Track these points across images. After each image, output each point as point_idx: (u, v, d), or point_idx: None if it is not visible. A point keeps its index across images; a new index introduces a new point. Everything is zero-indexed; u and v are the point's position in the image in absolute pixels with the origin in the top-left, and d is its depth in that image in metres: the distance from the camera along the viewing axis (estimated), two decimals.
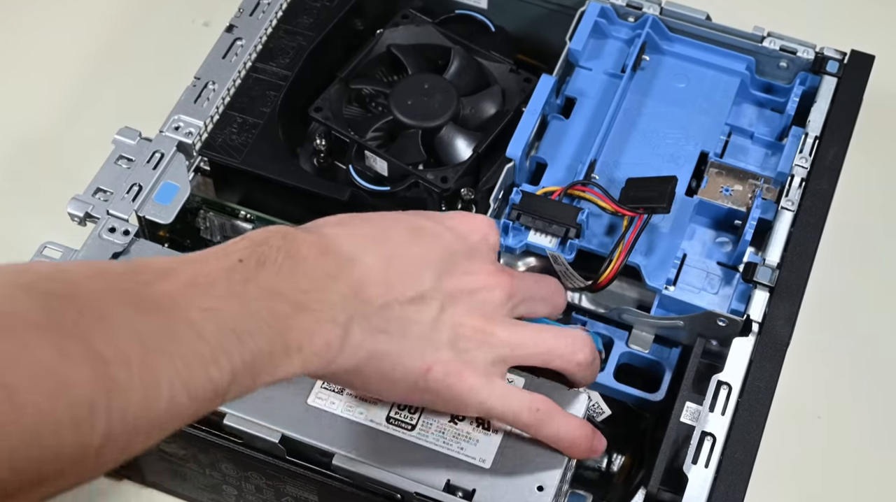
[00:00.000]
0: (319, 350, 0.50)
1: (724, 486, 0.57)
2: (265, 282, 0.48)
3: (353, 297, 0.51)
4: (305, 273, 0.50)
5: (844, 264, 0.79)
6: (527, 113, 0.68)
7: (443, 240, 0.56)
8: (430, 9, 0.78)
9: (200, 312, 0.45)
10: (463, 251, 0.57)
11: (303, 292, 0.49)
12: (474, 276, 0.56)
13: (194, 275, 0.46)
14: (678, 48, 0.73)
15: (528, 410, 0.56)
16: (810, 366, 0.73)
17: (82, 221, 0.66)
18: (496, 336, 0.56)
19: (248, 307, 0.47)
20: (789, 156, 0.67)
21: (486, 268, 0.57)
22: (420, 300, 0.54)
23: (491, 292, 0.56)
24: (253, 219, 0.69)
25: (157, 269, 0.46)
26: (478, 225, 0.58)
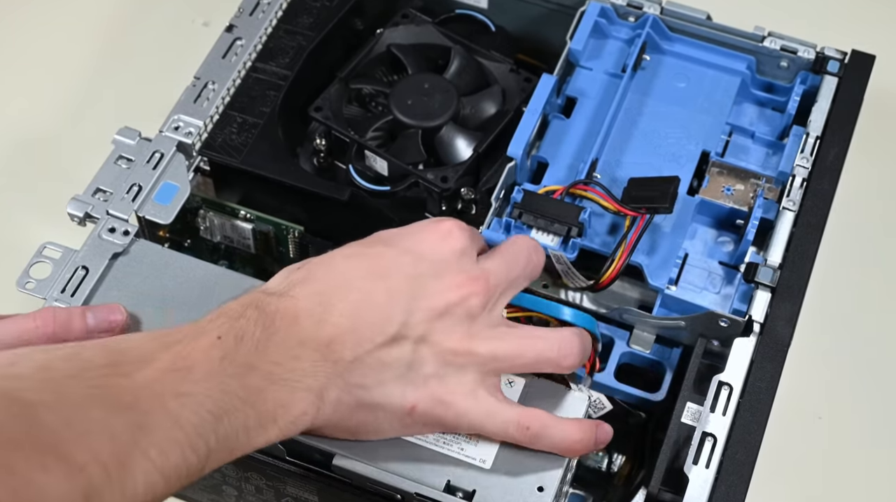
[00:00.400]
0: (295, 418, 0.52)
1: (725, 487, 0.57)
2: (241, 358, 0.50)
3: (324, 361, 0.52)
4: (278, 344, 0.52)
5: (845, 265, 0.79)
6: (527, 112, 0.68)
7: (405, 269, 0.55)
8: (431, 8, 0.77)
9: (177, 399, 0.47)
10: (429, 272, 0.56)
11: (276, 364, 0.51)
12: (445, 294, 0.55)
13: (173, 361, 0.49)
14: (679, 48, 0.73)
15: (518, 427, 0.56)
16: (811, 367, 0.73)
17: (82, 221, 0.66)
18: (479, 354, 0.55)
19: (224, 386, 0.49)
20: (790, 156, 0.67)
21: (456, 280, 0.56)
22: (392, 342, 0.54)
23: (467, 303, 0.55)
24: (253, 218, 0.69)
25: (138, 358, 0.48)
26: (441, 236, 0.57)
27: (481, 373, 0.56)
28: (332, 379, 0.53)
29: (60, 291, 0.62)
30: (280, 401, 0.51)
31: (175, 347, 0.49)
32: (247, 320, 0.51)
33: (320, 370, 0.52)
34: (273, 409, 0.51)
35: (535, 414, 0.56)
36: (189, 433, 0.47)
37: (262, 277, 0.64)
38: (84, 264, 0.63)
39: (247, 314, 0.52)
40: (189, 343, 0.50)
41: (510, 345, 0.56)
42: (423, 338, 0.54)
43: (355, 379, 0.53)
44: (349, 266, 0.55)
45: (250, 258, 0.72)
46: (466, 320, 0.55)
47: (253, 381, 0.50)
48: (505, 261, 0.58)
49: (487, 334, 0.56)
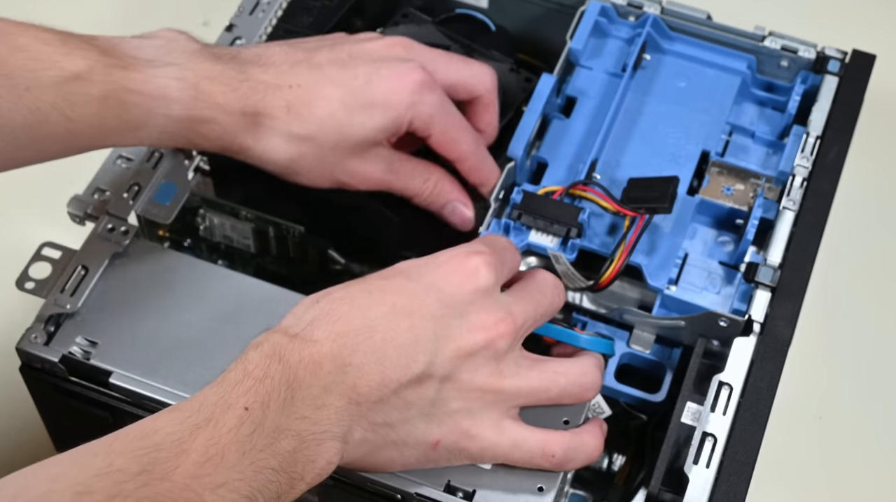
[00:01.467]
0: (321, 470, 0.51)
1: (726, 487, 0.57)
2: (270, 424, 0.49)
3: (349, 404, 0.52)
4: (304, 397, 0.51)
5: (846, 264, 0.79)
6: (527, 112, 0.68)
7: (430, 308, 0.54)
8: (431, 8, 0.77)
9: (214, 492, 0.47)
10: (454, 312, 0.55)
11: (302, 418, 0.50)
12: (472, 336, 0.54)
13: (206, 449, 0.47)
14: (679, 47, 0.73)
15: (543, 455, 0.56)
16: (812, 367, 0.73)
17: (82, 221, 0.66)
18: (504, 391, 0.55)
19: (256, 463, 0.49)
20: (790, 156, 0.67)
21: (483, 322, 0.55)
22: (417, 382, 0.53)
23: (494, 345, 0.55)
24: (253, 218, 0.69)
25: (170, 451, 0.47)
26: (467, 274, 0.56)
27: (506, 408, 0.56)
28: (356, 421, 0.52)
29: (60, 291, 0.62)
30: (309, 458, 0.50)
31: (205, 430, 0.48)
32: (272, 380, 0.50)
33: (345, 414, 0.52)
34: (303, 468, 0.50)
35: (557, 438, 0.57)
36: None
37: (262, 277, 0.64)
38: (84, 264, 0.63)
39: (271, 372, 0.50)
40: (218, 422, 0.48)
41: (535, 382, 0.56)
42: (448, 376, 0.54)
43: (380, 418, 0.53)
44: (371, 302, 0.54)
45: (250, 258, 0.72)
46: (493, 360, 0.55)
47: (283, 446, 0.49)
48: (531, 301, 0.58)
49: (513, 372, 0.56)
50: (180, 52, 0.61)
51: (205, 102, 0.60)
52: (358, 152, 0.63)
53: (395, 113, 0.62)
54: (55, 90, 0.56)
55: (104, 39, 0.60)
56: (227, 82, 0.60)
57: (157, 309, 0.62)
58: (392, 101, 0.62)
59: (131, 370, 0.60)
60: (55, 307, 0.62)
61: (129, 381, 0.60)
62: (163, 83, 0.59)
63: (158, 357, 0.61)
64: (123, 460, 0.46)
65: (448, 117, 0.64)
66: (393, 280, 0.55)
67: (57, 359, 0.60)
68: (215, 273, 0.64)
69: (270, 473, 0.49)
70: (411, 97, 0.62)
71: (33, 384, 0.63)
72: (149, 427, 0.48)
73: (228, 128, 0.61)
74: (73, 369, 0.61)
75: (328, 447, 0.51)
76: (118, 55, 0.59)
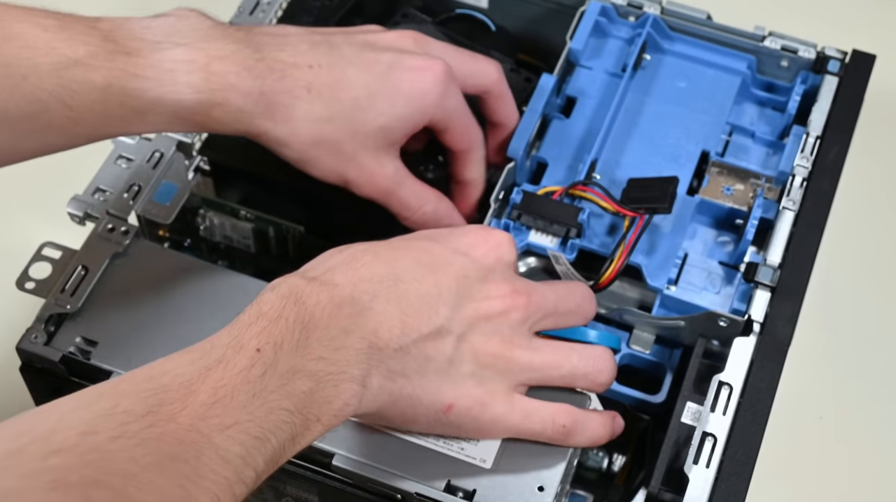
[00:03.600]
0: (339, 411, 0.50)
1: (726, 487, 0.57)
2: (283, 366, 0.49)
3: (369, 348, 0.51)
4: (320, 338, 0.50)
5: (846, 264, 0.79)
6: (527, 112, 0.68)
7: (455, 267, 0.55)
8: (431, 8, 0.77)
9: (223, 433, 0.46)
10: (477, 275, 0.55)
11: (320, 359, 0.50)
12: (490, 302, 0.55)
13: (214, 390, 0.47)
14: (679, 47, 0.73)
15: (553, 426, 0.56)
16: (812, 367, 0.73)
17: (82, 221, 0.66)
18: (516, 361, 0.56)
19: (268, 404, 0.48)
20: (790, 156, 0.67)
21: (502, 290, 0.56)
22: (437, 335, 0.53)
23: (507, 316, 0.55)
24: (253, 218, 0.69)
25: (178, 391, 0.46)
26: (491, 245, 0.57)
27: (517, 380, 0.56)
28: (375, 367, 0.52)
29: (60, 291, 0.62)
30: (326, 399, 0.50)
31: (215, 372, 0.47)
32: (286, 321, 0.49)
33: (365, 357, 0.51)
34: (318, 408, 0.49)
35: (567, 409, 0.57)
36: (237, 466, 0.46)
37: (262, 277, 0.64)
38: (84, 264, 0.63)
39: (286, 313, 0.50)
40: (229, 363, 0.48)
41: (547, 357, 0.56)
42: (464, 336, 0.54)
43: (398, 366, 0.53)
44: (396, 255, 0.54)
45: (250, 258, 0.72)
46: (507, 328, 0.55)
47: (298, 386, 0.49)
48: (557, 291, 0.58)
49: (525, 344, 0.56)
50: (191, 31, 0.58)
51: (217, 84, 0.57)
52: (374, 146, 0.62)
53: (420, 104, 0.61)
54: (54, 78, 0.54)
55: (108, 21, 0.57)
56: (242, 62, 0.58)
57: (157, 309, 0.62)
58: (418, 93, 0.61)
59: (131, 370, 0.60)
60: (55, 307, 0.62)
61: None
62: (170, 66, 0.56)
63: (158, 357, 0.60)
64: (129, 401, 0.46)
65: (465, 111, 0.64)
66: (420, 241, 0.56)
67: (57, 359, 0.60)
68: (215, 273, 0.64)
69: (284, 414, 0.48)
70: (439, 90, 0.62)
71: (33, 384, 0.63)
72: (158, 369, 0.48)
73: (245, 111, 0.59)
74: (73, 369, 0.61)
75: (346, 388, 0.50)
76: (122, 39, 0.56)
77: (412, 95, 0.61)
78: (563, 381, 0.57)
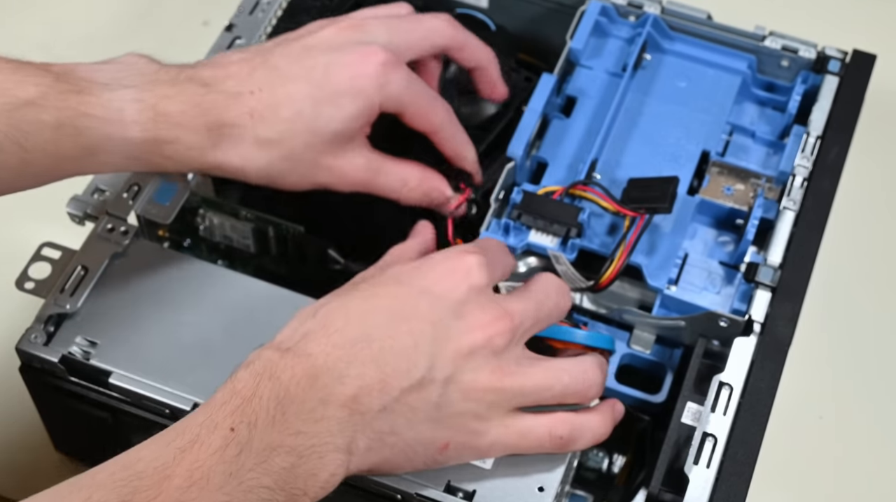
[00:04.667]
0: (325, 482, 0.50)
1: (726, 487, 0.57)
2: (259, 443, 0.48)
3: (350, 414, 0.51)
4: (298, 412, 0.50)
5: (846, 264, 0.79)
6: (527, 112, 0.68)
7: (426, 311, 0.54)
8: (431, 7, 0.77)
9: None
10: (450, 313, 0.54)
11: (299, 434, 0.49)
12: (470, 335, 0.54)
13: (190, 473, 0.47)
14: (679, 47, 0.73)
15: (551, 439, 0.56)
16: (812, 367, 0.73)
17: (81, 221, 0.66)
18: (507, 390, 0.55)
19: (246, 483, 0.48)
20: (791, 156, 0.67)
21: (480, 320, 0.55)
22: (419, 386, 0.53)
23: (491, 344, 0.54)
24: (252, 218, 0.69)
25: (153, 477, 0.46)
26: (460, 276, 0.55)
27: (510, 407, 0.56)
28: (360, 431, 0.51)
29: (60, 291, 0.62)
30: (310, 471, 0.49)
31: (189, 453, 0.47)
32: (260, 399, 0.49)
33: (348, 424, 0.51)
34: (304, 482, 0.49)
35: (563, 419, 0.56)
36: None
37: (261, 277, 0.64)
38: (83, 264, 0.63)
39: (259, 390, 0.49)
40: (203, 443, 0.47)
41: (537, 380, 0.56)
42: (450, 378, 0.53)
43: (385, 426, 0.52)
44: (367, 309, 0.54)
45: (250, 258, 0.71)
46: (493, 358, 0.55)
47: (277, 463, 0.48)
48: (532, 300, 0.57)
49: (513, 369, 0.55)
50: (138, 75, 0.59)
51: (165, 122, 0.58)
52: (333, 148, 0.62)
53: (364, 98, 0.61)
54: (6, 118, 0.55)
55: (60, 66, 0.58)
56: (188, 99, 0.59)
57: (157, 309, 0.62)
58: (358, 87, 0.61)
59: (131, 370, 0.60)
60: (55, 307, 0.61)
61: (129, 381, 0.60)
62: (118, 106, 0.57)
63: (158, 357, 0.61)
64: (103, 492, 0.46)
65: (417, 90, 0.63)
66: (387, 286, 0.55)
67: (57, 360, 0.60)
68: (215, 273, 0.64)
69: (264, 492, 0.48)
70: (377, 80, 0.61)
71: (33, 384, 0.63)
72: (133, 456, 0.48)
73: (194, 146, 0.59)
74: (73, 369, 0.61)
75: (331, 459, 0.50)
76: (73, 80, 0.57)
77: (354, 93, 0.61)
78: (554, 400, 0.57)
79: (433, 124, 0.64)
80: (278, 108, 0.60)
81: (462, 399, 0.54)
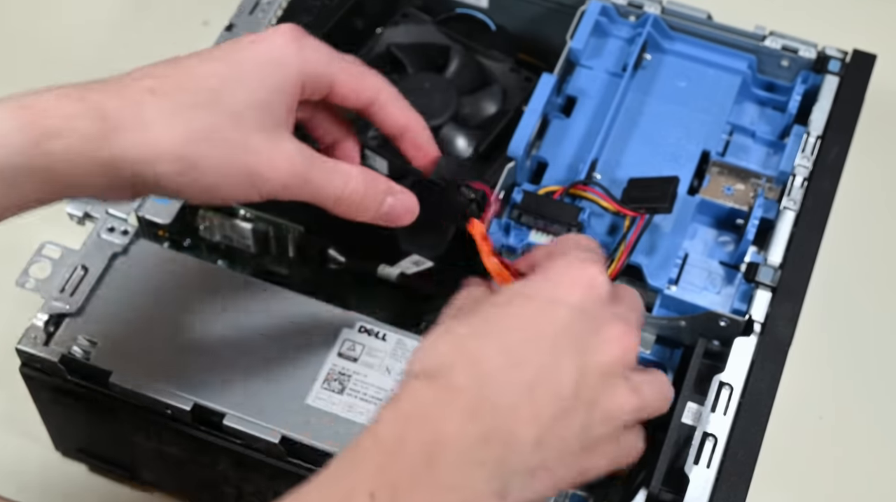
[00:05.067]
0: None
1: (726, 487, 0.57)
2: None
3: (506, 454, 0.46)
4: (452, 462, 0.44)
5: (846, 264, 0.79)
6: (528, 112, 0.68)
7: (564, 324, 0.48)
8: (431, 7, 0.77)
9: None
10: (587, 326, 0.48)
11: (449, 490, 0.44)
12: (607, 351, 0.48)
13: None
14: (679, 47, 0.73)
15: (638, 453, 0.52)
16: (812, 367, 0.73)
17: (81, 221, 0.66)
18: (639, 410, 0.50)
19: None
20: (791, 156, 0.67)
21: (614, 333, 0.49)
22: (566, 414, 0.47)
23: (626, 358, 0.49)
24: (252, 218, 0.69)
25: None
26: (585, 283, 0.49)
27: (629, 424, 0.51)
28: (515, 472, 0.46)
29: (60, 290, 0.62)
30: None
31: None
32: (405, 451, 0.44)
33: (502, 467, 0.45)
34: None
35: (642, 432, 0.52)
36: None
37: (261, 277, 0.64)
38: (83, 264, 0.63)
39: (407, 437, 0.44)
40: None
41: (654, 396, 0.51)
42: (592, 401, 0.48)
43: (536, 461, 0.47)
44: (502, 330, 0.48)
45: (250, 258, 0.71)
46: (625, 376, 0.49)
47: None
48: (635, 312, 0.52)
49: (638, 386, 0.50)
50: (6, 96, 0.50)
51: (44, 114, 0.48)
52: (258, 127, 0.52)
53: (281, 71, 0.53)
54: None
55: None
56: (70, 92, 0.50)
57: (157, 309, 0.62)
58: (270, 59, 0.53)
59: (131, 370, 0.60)
60: (55, 307, 0.61)
61: (129, 381, 0.60)
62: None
63: (158, 357, 0.61)
64: None
65: (341, 58, 0.56)
66: (512, 306, 0.49)
67: (57, 360, 0.60)
68: (215, 273, 0.64)
69: None
70: (291, 48, 0.53)
71: (33, 384, 0.63)
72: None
73: (89, 134, 0.49)
74: (73, 369, 0.61)
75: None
76: None
77: (265, 63, 0.53)
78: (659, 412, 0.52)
79: (370, 93, 0.56)
80: (184, 83, 0.51)
81: (601, 422, 0.49)
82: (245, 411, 0.59)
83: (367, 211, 0.56)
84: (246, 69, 0.52)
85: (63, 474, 0.71)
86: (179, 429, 0.60)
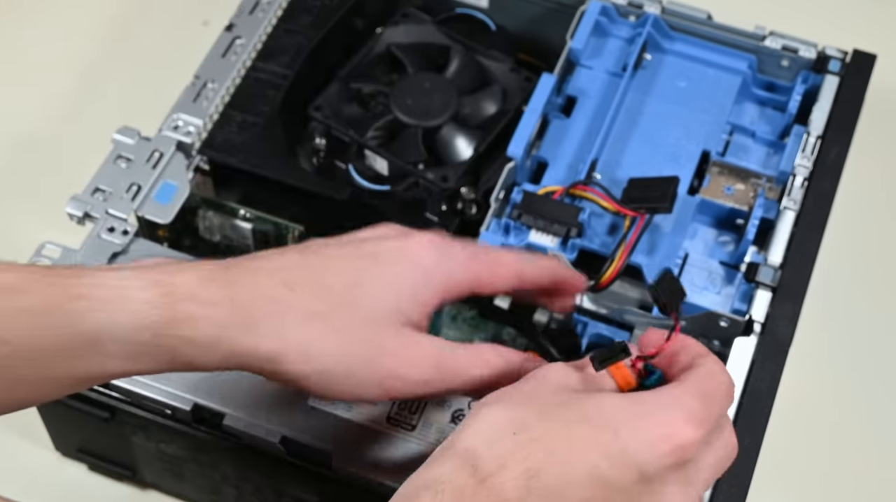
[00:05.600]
0: None
1: (726, 487, 0.57)
2: None
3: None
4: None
5: (847, 264, 0.79)
6: (528, 112, 0.68)
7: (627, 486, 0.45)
8: (431, 7, 0.77)
9: None
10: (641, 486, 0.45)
11: None
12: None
13: None
14: (679, 47, 0.73)
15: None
16: (812, 367, 0.73)
17: (81, 221, 0.66)
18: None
19: None
20: (791, 156, 0.67)
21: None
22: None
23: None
24: (252, 218, 0.69)
25: None
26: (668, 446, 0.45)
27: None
28: None
29: None
30: None
31: None
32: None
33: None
34: None
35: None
36: None
37: None
38: (83, 264, 0.63)
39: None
40: None
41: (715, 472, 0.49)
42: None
43: None
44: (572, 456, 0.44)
45: None
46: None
47: None
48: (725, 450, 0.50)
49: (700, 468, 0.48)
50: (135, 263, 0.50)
51: (177, 295, 0.47)
52: (396, 326, 0.51)
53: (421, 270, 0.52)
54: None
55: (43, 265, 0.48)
56: (206, 275, 0.49)
57: None
58: (412, 259, 0.52)
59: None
60: None
61: (129, 381, 0.60)
62: (117, 283, 0.47)
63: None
64: None
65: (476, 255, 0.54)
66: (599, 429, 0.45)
67: None
68: None
69: None
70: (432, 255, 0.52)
71: None
72: None
73: (218, 323, 0.47)
74: None
75: None
76: (61, 268, 0.49)
77: (406, 265, 0.52)
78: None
79: (510, 279, 0.55)
80: (322, 279, 0.50)
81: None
82: (245, 411, 0.59)
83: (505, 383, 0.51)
84: (388, 271, 0.51)
85: (63, 474, 0.71)
86: (179, 429, 0.60)
